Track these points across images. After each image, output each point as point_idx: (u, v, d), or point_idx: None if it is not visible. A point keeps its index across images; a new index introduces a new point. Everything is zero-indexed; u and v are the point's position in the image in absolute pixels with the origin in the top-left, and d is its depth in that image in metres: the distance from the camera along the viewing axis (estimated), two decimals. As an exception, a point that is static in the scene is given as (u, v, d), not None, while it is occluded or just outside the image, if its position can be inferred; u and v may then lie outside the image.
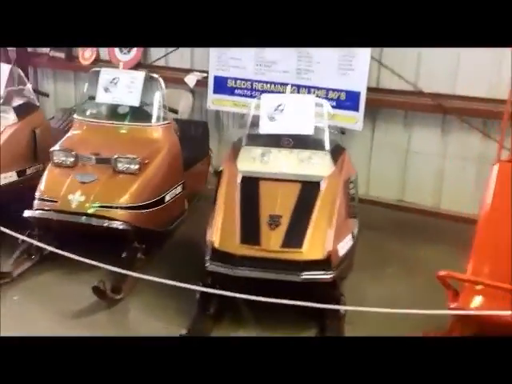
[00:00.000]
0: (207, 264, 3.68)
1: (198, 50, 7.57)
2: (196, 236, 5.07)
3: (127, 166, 4.51)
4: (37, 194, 4.47)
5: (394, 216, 6.00)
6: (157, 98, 4.91)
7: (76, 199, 4.32)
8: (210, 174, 6.07)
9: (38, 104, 5.55)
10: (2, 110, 5.18)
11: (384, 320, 3.47)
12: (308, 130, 4.16)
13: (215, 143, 7.07)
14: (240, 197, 3.88)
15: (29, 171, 5.22)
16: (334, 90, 6.43)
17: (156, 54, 7.90)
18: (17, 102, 5.35)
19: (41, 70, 8.79)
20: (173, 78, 7.49)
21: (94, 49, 8.25)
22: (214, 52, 7.06)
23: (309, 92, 6.59)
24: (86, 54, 8.34)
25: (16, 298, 4.10)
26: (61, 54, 8.45)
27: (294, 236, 3.63)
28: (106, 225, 4.26)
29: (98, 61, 8.26)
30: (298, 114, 4.17)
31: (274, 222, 3.69)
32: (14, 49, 8.48)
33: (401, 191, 6.35)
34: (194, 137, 6.01)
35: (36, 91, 5.66)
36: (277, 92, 6.77)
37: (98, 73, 5.01)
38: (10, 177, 5.01)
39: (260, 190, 3.90)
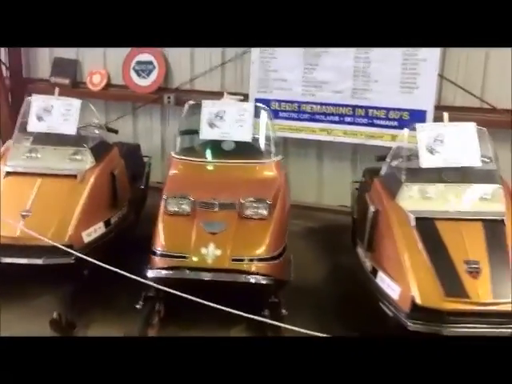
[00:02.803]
0: (408, 323, 3.26)
1: (229, 73, 7.11)
2: (306, 281, 4.67)
3: (256, 210, 4.02)
4: (158, 249, 3.88)
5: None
6: (268, 131, 4.43)
7: (211, 253, 3.78)
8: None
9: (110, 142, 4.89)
10: (77, 152, 4.50)
11: None
12: (474, 162, 3.84)
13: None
14: (422, 242, 3.49)
15: (113, 220, 4.56)
16: (395, 110, 6.20)
17: (179, 77, 7.33)
18: (91, 141, 4.69)
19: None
20: (201, 103, 7.02)
21: (104, 73, 7.57)
22: (255, 74, 6.65)
23: (366, 113, 6.33)
24: (94, 80, 7.64)
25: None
26: (64, 81, 7.69)
27: (503, 284, 3.29)
28: (251, 281, 3.75)
29: (109, 86, 7.59)
30: (461, 145, 3.83)
31: (474, 269, 3.34)
32: (8, 75, 7.68)
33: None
34: None
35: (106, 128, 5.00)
36: (329, 114, 6.47)
37: (197, 106, 4.46)
38: (100, 228, 4.36)
39: (440, 232, 3.53)
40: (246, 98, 6.65)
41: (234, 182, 4.20)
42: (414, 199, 3.76)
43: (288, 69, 6.49)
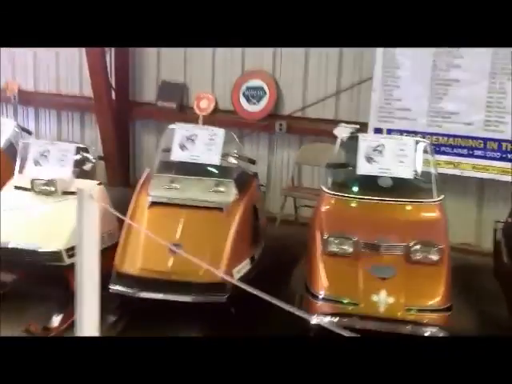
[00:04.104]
0: None
1: (344, 100, 6.85)
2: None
3: (426, 254, 3.70)
4: (320, 293, 3.60)
5: None
6: (429, 168, 4.12)
7: (383, 301, 3.47)
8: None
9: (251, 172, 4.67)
10: (220, 183, 4.28)
11: None
12: None
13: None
14: None
15: (256, 255, 4.33)
16: (534, 146, 5.81)
17: (290, 104, 7.10)
18: (234, 172, 4.48)
19: (142, 123, 7.78)
20: (312, 130, 6.80)
21: (212, 98, 7.40)
22: (375, 102, 6.35)
23: (499, 146, 5.95)
24: (202, 104, 7.46)
25: None
26: (171, 105, 7.56)
27: None
28: (427, 334, 3.42)
29: (216, 111, 7.42)
30: None
31: None
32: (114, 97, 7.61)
33: None
34: None
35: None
36: (457, 146, 6.12)
37: (354, 139, 4.19)
38: (247, 265, 4.13)
39: None
40: (362, 126, 6.38)
41: (398, 223, 3.91)
42: None
43: (413, 98, 6.20)
